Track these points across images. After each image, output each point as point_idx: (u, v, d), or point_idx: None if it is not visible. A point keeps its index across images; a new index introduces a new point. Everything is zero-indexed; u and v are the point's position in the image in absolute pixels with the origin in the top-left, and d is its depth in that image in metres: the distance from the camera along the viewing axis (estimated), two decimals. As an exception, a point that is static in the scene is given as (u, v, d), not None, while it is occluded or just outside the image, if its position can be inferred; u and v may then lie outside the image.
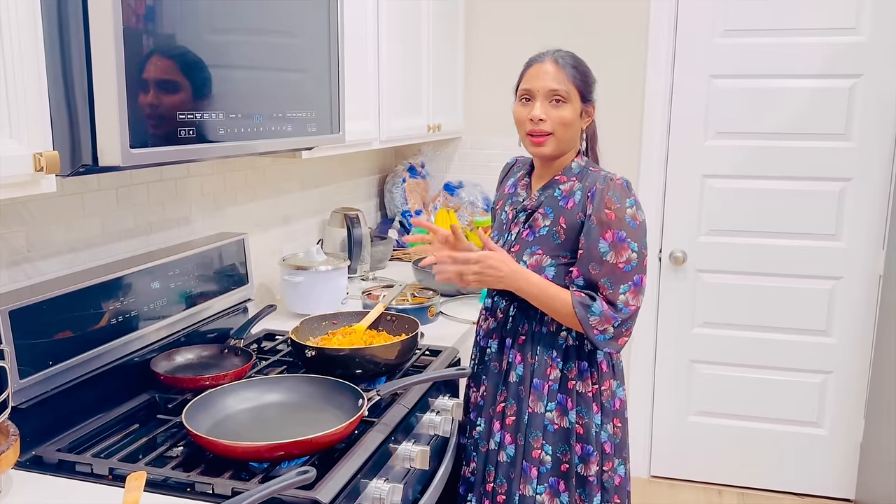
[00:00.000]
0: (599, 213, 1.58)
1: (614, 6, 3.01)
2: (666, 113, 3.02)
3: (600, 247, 1.57)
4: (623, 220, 1.57)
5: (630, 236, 1.57)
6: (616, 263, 1.57)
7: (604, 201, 1.58)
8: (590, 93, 1.67)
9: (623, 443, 1.73)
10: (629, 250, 1.57)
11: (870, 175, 2.87)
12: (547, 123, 1.62)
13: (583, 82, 1.64)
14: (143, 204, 1.80)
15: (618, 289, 1.57)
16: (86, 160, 1.12)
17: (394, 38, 2.41)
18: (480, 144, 3.28)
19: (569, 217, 1.62)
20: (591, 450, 1.66)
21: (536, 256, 1.65)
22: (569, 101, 1.62)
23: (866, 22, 2.77)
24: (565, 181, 1.67)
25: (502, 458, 1.70)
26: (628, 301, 1.58)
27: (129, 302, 1.59)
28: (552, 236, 1.64)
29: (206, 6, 1.29)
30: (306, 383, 1.57)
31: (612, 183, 1.60)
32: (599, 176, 1.63)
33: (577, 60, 1.66)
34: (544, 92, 1.62)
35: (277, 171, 2.41)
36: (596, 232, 1.58)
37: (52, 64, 1.07)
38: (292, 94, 1.61)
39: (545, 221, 1.66)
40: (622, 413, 1.73)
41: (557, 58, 1.64)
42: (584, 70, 1.66)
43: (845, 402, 3.06)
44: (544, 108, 1.62)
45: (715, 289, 3.10)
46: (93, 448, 1.39)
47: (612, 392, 1.70)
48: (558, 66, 1.62)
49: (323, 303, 2.19)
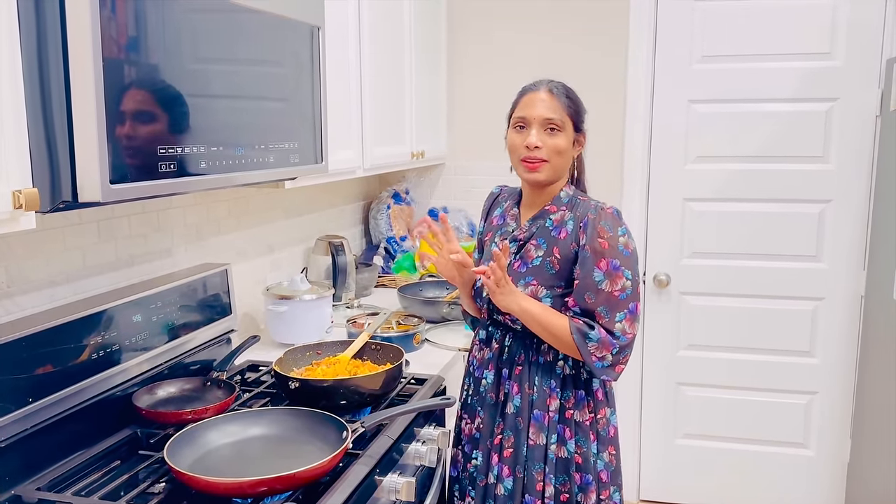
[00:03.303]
0: (593, 242, 1.59)
1: (594, 33, 3.05)
2: (646, 138, 3.05)
3: (595, 276, 1.58)
4: (616, 249, 1.59)
5: (624, 264, 1.59)
6: (611, 292, 1.58)
7: (597, 230, 1.59)
8: (582, 122, 1.70)
9: (617, 470, 1.73)
10: (623, 278, 1.58)
11: (849, 196, 2.90)
12: (542, 151, 1.64)
13: (576, 112, 1.67)
14: (125, 236, 1.79)
15: (614, 317, 1.59)
16: (65, 196, 1.12)
17: (376, 67, 2.43)
18: (464, 170, 3.30)
19: (562, 247, 1.63)
20: (590, 479, 1.65)
21: (531, 287, 1.65)
22: (563, 129, 1.65)
23: (840, 47, 2.82)
24: (556, 211, 1.68)
25: (500, 490, 1.68)
26: (625, 329, 1.59)
27: (111, 336, 1.57)
28: (546, 267, 1.65)
29: (187, 38, 1.30)
30: (290, 416, 1.56)
31: (603, 212, 1.62)
32: (590, 206, 1.65)
33: (570, 91, 1.69)
34: (540, 120, 1.64)
35: (261, 200, 2.41)
36: (591, 262, 1.59)
37: (32, 100, 1.07)
38: (275, 125, 1.61)
39: (538, 252, 1.67)
40: (616, 440, 1.74)
41: (552, 87, 1.67)
42: (576, 100, 1.69)
43: (831, 422, 3.07)
44: (540, 135, 1.64)
45: (699, 311, 3.11)
46: (73, 486, 1.37)
47: (608, 420, 1.71)
48: (553, 96, 1.65)
49: (307, 332, 2.18)
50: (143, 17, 1.19)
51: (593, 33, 3.06)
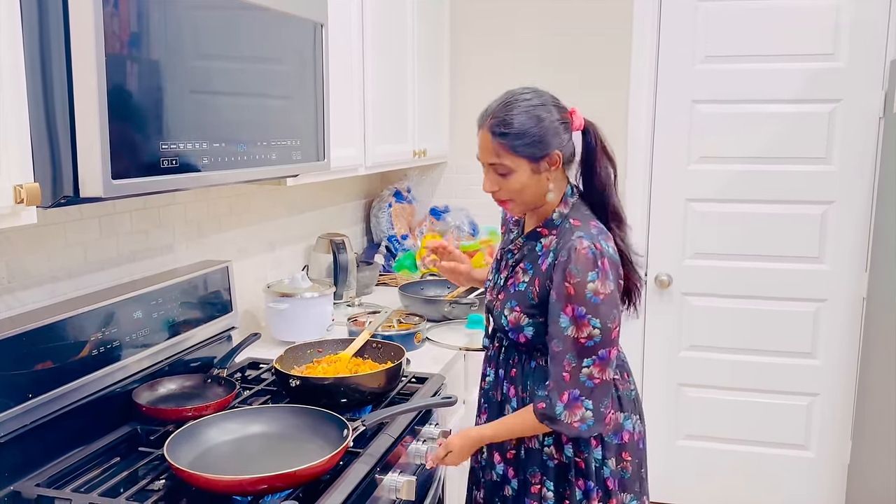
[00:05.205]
0: (559, 287, 1.48)
1: (597, 33, 3.05)
2: (649, 138, 3.05)
3: (561, 322, 1.48)
4: (583, 296, 1.45)
5: (590, 312, 1.45)
6: (577, 338, 1.47)
7: (564, 275, 1.47)
8: (542, 148, 1.50)
9: (634, 478, 1.65)
10: (590, 326, 1.46)
11: (851, 198, 2.90)
12: (501, 192, 1.55)
13: (526, 144, 1.49)
14: (127, 232, 1.79)
15: (580, 363, 1.47)
16: (67, 191, 1.11)
17: (379, 65, 2.43)
18: (466, 169, 3.29)
19: (541, 280, 1.55)
20: (592, 486, 1.60)
21: (515, 313, 1.59)
22: (512, 170, 1.51)
23: (844, 48, 2.81)
24: (546, 234, 1.59)
25: (507, 491, 1.67)
26: (592, 374, 1.48)
27: (112, 332, 1.57)
28: (528, 295, 1.57)
29: (189, 34, 1.30)
30: (290, 414, 1.55)
31: (575, 253, 1.46)
32: (569, 240, 1.50)
33: (512, 122, 1.48)
34: (486, 165, 1.55)
35: (263, 197, 2.40)
36: (557, 307, 1.49)
37: (34, 95, 1.06)
38: (277, 122, 1.61)
39: (524, 277, 1.59)
40: (633, 446, 1.65)
41: (493, 125, 1.50)
42: (528, 127, 1.48)
43: (832, 424, 3.06)
44: (493, 179, 1.55)
45: (701, 312, 3.11)
46: (73, 482, 1.36)
47: (619, 424, 1.62)
48: (493, 138, 1.50)
49: (308, 330, 2.17)
50: (146, 12, 1.18)
51: (596, 31, 3.05)
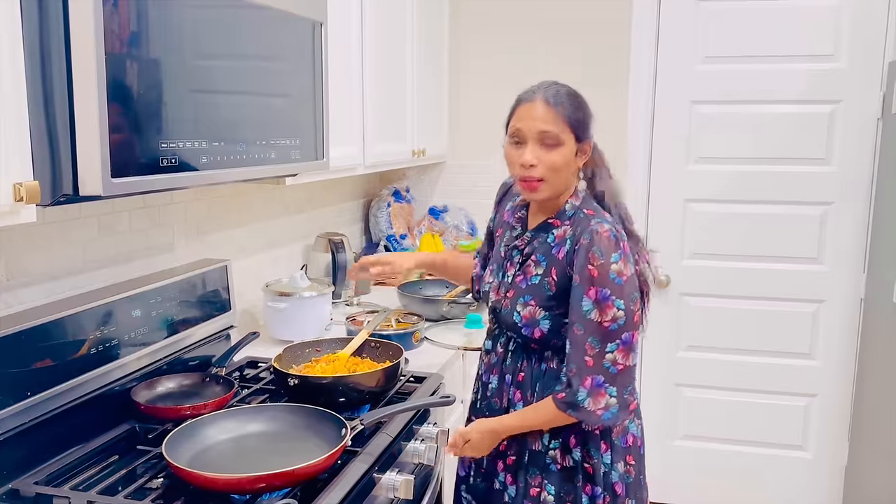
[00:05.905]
0: (582, 270, 1.47)
1: (597, 34, 3.05)
2: (648, 138, 3.05)
3: (583, 305, 1.47)
4: (606, 278, 1.45)
5: (615, 294, 1.45)
6: (601, 322, 1.45)
7: (587, 257, 1.46)
8: (585, 130, 1.53)
9: (637, 482, 1.64)
10: (614, 308, 1.45)
11: (850, 199, 2.90)
12: (538, 168, 1.50)
13: (578, 121, 1.51)
14: (126, 231, 1.79)
15: (604, 348, 1.46)
16: (66, 190, 1.11)
17: (378, 63, 2.43)
18: (465, 169, 3.30)
19: (559, 269, 1.54)
20: (600, 491, 1.57)
21: (530, 308, 1.56)
22: (562, 143, 1.49)
23: (843, 49, 2.82)
24: (559, 225, 1.58)
25: (506, 498, 1.65)
26: (616, 360, 1.46)
27: (110, 331, 1.57)
28: (544, 287, 1.55)
29: (189, 33, 1.30)
30: (289, 412, 1.55)
31: (597, 236, 1.47)
32: (588, 226, 1.50)
33: (572, 96, 1.52)
34: (535, 134, 1.49)
35: (262, 196, 2.40)
36: (579, 290, 1.47)
37: (34, 93, 1.06)
38: (276, 121, 1.61)
39: (537, 270, 1.57)
40: (636, 450, 1.63)
41: (549, 96, 1.50)
42: (579, 106, 1.52)
43: (829, 425, 3.07)
44: (535, 151, 1.49)
45: (699, 312, 3.11)
46: (71, 480, 1.36)
47: (625, 428, 1.60)
48: (549, 106, 1.49)
49: (307, 329, 2.18)
50: (146, 11, 1.18)
51: (596, 32, 3.05)
